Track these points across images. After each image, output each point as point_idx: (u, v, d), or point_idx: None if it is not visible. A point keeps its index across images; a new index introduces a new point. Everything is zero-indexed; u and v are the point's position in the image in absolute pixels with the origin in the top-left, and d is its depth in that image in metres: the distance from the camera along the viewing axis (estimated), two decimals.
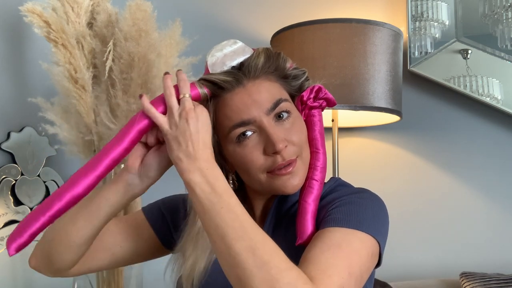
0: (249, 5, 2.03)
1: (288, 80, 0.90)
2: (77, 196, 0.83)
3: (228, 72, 0.86)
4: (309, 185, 0.88)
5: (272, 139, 0.83)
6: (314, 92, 0.91)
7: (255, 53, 0.88)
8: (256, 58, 0.87)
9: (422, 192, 1.83)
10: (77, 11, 1.49)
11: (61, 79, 1.45)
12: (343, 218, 0.82)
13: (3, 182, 1.58)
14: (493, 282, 1.45)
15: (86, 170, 0.84)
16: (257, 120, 0.85)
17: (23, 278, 1.59)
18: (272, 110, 0.86)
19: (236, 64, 0.87)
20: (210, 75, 0.86)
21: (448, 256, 1.77)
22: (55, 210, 0.83)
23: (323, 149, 0.91)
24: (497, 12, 1.76)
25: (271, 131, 0.84)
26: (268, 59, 0.88)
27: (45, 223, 0.83)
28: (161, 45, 1.51)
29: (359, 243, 0.80)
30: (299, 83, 0.92)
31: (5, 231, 1.56)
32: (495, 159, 1.77)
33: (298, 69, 0.92)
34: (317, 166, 0.90)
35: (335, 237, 0.79)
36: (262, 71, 0.87)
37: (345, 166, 1.77)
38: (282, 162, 0.85)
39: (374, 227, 0.83)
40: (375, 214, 0.86)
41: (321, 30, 1.55)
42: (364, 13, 1.85)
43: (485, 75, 1.75)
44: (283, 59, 0.90)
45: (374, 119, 1.74)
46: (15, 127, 1.63)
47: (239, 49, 0.88)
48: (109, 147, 0.84)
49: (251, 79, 0.87)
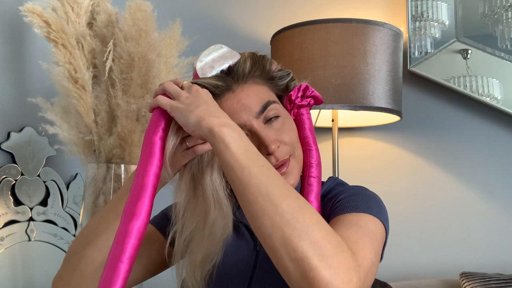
0: (249, 5, 2.03)
1: (275, 81, 0.93)
2: (143, 225, 0.76)
3: (219, 77, 0.88)
4: (308, 183, 0.90)
5: (264, 141, 0.85)
6: (302, 90, 0.93)
7: (242, 58, 0.90)
8: (243, 63, 0.89)
9: (422, 192, 1.83)
10: (77, 11, 1.49)
11: (61, 79, 1.45)
12: (353, 205, 0.84)
13: (3, 182, 1.58)
14: (493, 282, 1.45)
15: (135, 197, 0.78)
16: (247, 124, 0.86)
17: (23, 278, 1.59)
18: (261, 113, 0.87)
19: (225, 68, 0.88)
20: (201, 79, 0.87)
21: (448, 256, 1.77)
22: (130, 249, 0.75)
23: (315, 146, 0.93)
24: (497, 12, 1.76)
25: (263, 133, 0.86)
26: (255, 63, 0.90)
27: (127, 269, 0.74)
28: (161, 45, 1.52)
29: (374, 225, 0.82)
30: (285, 83, 0.94)
31: (5, 231, 1.56)
32: (495, 159, 1.77)
33: (283, 70, 0.94)
34: (312, 163, 0.91)
35: (351, 219, 0.81)
36: (250, 75, 0.89)
37: (345, 166, 1.77)
38: (275, 163, 0.86)
39: (382, 214, 0.86)
40: (380, 205, 0.89)
41: (321, 30, 1.55)
42: (364, 13, 1.86)
43: (485, 75, 1.75)
44: (269, 62, 0.92)
45: (374, 119, 1.74)
46: (15, 127, 1.63)
47: (226, 53, 0.89)
48: (144, 163, 0.79)
49: (240, 84, 0.88)
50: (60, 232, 1.69)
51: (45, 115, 1.51)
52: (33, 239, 1.62)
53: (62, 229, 1.70)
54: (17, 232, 1.59)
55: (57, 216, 1.69)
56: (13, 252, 1.57)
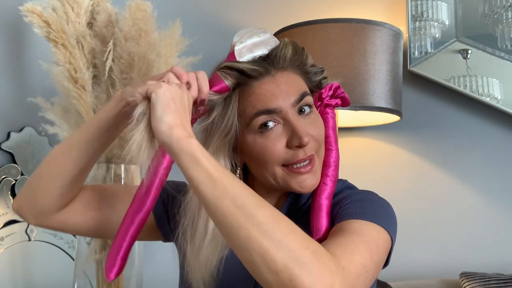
0: (249, 5, 2.03)
1: (309, 76, 0.91)
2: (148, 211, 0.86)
3: (256, 61, 0.86)
4: (323, 181, 0.89)
5: (298, 131, 0.83)
6: (333, 90, 0.92)
7: (282, 44, 0.88)
8: (284, 48, 0.87)
9: (422, 192, 1.83)
10: (77, 11, 1.49)
11: (61, 79, 1.45)
12: (359, 211, 0.83)
13: (3, 182, 1.58)
14: (493, 282, 1.45)
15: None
16: (283, 111, 0.84)
17: (23, 278, 1.59)
18: (297, 103, 0.86)
19: (263, 54, 0.86)
20: (237, 63, 0.85)
21: (448, 256, 1.77)
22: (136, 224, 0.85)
23: (336, 146, 0.93)
24: (497, 12, 1.76)
25: (297, 124, 0.84)
26: (296, 53, 0.88)
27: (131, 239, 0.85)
28: (161, 45, 1.52)
29: (377, 234, 0.81)
30: (318, 80, 0.92)
31: (5, 231, 1.56)
32: (495, 159, 1.77)
33: (317, 66, 0.93)
34: (331, 163, 0.91)
35: (353, 226, 0.80)
36: (289, 63, 0.87)
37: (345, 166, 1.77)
38: (303, 156, 0.85)
39: (387, 222, 0.84)
40: (388, 213, 0.87)
41: (321, 30, 1.55)
42: (364, 13, 1.85)
43: (485, 75, 1.75)
44: (306, 55, 0.90)
45: (374, 119, 1.74)
46: (15, 127, 1.63)
47: (268, 40, 0.87)
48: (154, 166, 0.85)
49: (279, 70, 0.86)
50: (60, 232, 1.69)
51: (45, 115, 1.51)
52: (33, 239, 1.62)
53: None
54: (17, 232, 1.59)
55: None
56: (13, 252, 1.57)
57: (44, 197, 0.90)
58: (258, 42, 0.86)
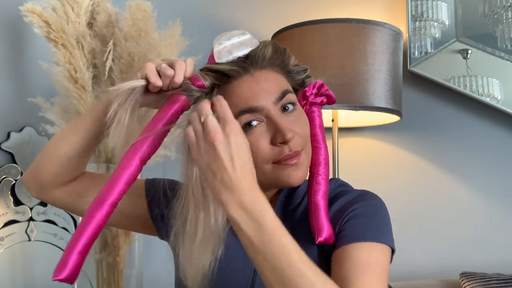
0: (249, 5, 2.03)
1: (291, 75, 0.91)
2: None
3: (234, 62, 0.85)
4: (316, 181, 0.89)
5: (281, 128, 0.83)
6: (316, 88, 0.92)
7: (262, 44, 0.88)
8: (263, 48, 0.87)
9: (422, 192, 1.83)
10: (77, 11, 1.49)
11: (61, 79, 1.46)
12: (360, 232, 0.84)
13: (3, 182, 1.58)
14: (493, 282, 1.45)
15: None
16: (265, 109, 0.84)
17: (23, 278, 1.59)
18: (279, 100, 0.85)
19: (242, 55, 0.86)
20: (215, 64, 0.85)
21: (448, 256, 1.77)
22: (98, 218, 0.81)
23: (324, 144, 0.93)
24: (497, 12, 1.76)
25: (280, 121, 0.83)
26: (275, 52, 0.88)
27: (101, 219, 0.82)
28: (161, 45, 1.52)
29: (383, 257, 0.83)
30: (301, 79, 0.92)
31: (5, 231, 1.56)
32: (495, 159, 1.77)
33: (300, 65, 0.93)
34: (321, 161, 0.91)
35: (361, 256, 0.81)
36: (269, 62, 0.87)
37: (345, 166, 1.77)
38: (289, 152, 0.84)
39: (388, 236, 0.86)
40: (385, 221, 0.88)
41: (321, 30, 1.55)
42: (364, 13, 1.85)
43: (485, 75, 1.75)
44: (288, 55, 0.90)
45: (374, 119, 1.74)
46: (15, 127, 1.63)
47: (247, 41, 0.87)
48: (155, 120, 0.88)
49: (258, 69, 0.86)
50: (60, 232, 1.69)
51: (45, 115, 1.51)
52: (33, 239, 1.62)
53: (62, 229, 1.69)
54: (17, 232, 1.59)
55: (57, 216, 1.69)
56: (13, 252, 1.57)
57: (44, 173, 0.97)
58: (238, 43, 0.86)
